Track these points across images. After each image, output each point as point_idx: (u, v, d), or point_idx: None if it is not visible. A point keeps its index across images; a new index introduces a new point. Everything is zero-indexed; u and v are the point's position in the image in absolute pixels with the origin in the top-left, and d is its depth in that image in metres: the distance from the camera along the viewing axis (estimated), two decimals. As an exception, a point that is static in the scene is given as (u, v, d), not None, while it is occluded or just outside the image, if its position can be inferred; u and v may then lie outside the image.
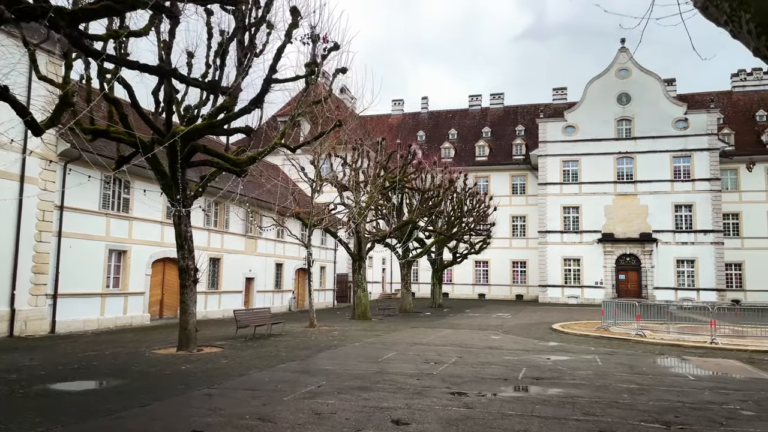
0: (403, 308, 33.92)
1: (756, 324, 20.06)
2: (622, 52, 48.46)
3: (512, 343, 17.08)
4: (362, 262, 27.36)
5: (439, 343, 16.89)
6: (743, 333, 18.36)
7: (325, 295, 41.93)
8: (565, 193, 48.14)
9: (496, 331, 21.22)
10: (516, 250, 53.05)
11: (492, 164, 54.59)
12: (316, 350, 14.81)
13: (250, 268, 32.04)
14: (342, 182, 26.29)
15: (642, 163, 46.51)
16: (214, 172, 15.78)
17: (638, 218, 46.20)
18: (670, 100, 47.00)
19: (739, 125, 49.67)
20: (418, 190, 29.95)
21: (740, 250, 46.54)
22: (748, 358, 14.09)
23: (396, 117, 64.11)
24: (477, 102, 62.33)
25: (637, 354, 14.88)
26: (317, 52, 14.92)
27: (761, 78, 52.96)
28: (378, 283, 52.88)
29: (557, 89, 59.19)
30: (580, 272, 47.12)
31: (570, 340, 18.16)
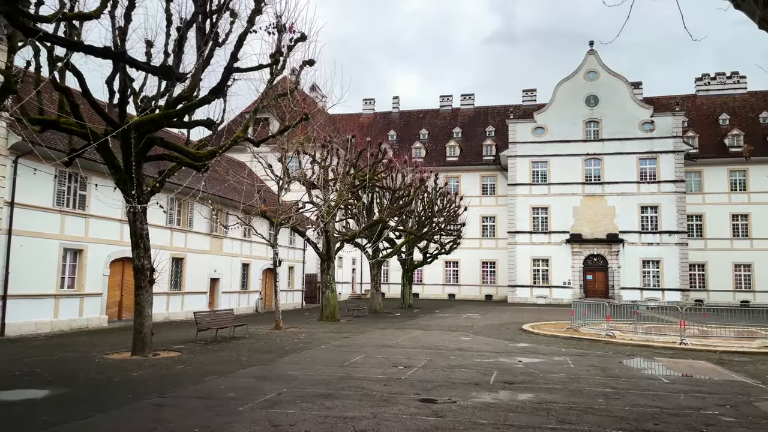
0: (373, 309, 33.40)
1: (722, 324, 20.21)
2: (590, 54, 48.97)
3: (483, 345, 16.73)
4: (331, 262, 26.73)
5: (409, 345, 16.42)
6: (710, 333, 18.41)
7: (294, 295, 41.11)
8: (535, 194, 48.37)
9: (466, 332, 20.87)
10: (486, 251, 53.10)
11: (462, 164, 54.55)
12: (280, 354, 14.15)
13: (215, 269, 31.07)
14: (310, 180, 25.61)
15: (609, 165, 47.04)
16: (173, 167, 14.98)
17: (605, 219, 46.69)
18: (636, 102, 47.67)
19: (702, 128, 50.70)
20: (389, 189, 29.47)
21: (703, 251, 47.48)
22: (718, 359, 14.01)
23: (367, 116, 63.59)
24: (448, 102, 62.26)
25: (608, 355, 14.67)
26: (283, 43, 14.28)
27: (724, 82, 54.20)
28: (348, 284, 52.26)
29: (527, 91, 59.53)
30: (548, 272, 47.39)
31: (540, 341, 17.91)
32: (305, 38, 14.45)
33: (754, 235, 46.99)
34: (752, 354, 14.89)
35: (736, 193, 48.00)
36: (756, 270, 46.68)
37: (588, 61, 48.89)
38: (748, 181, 47.81)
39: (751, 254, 46.93)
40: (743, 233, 47.51)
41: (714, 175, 48.50)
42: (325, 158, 26.48)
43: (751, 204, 47.38)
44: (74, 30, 12.64)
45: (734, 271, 47.29)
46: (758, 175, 47.42)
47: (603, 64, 48.64)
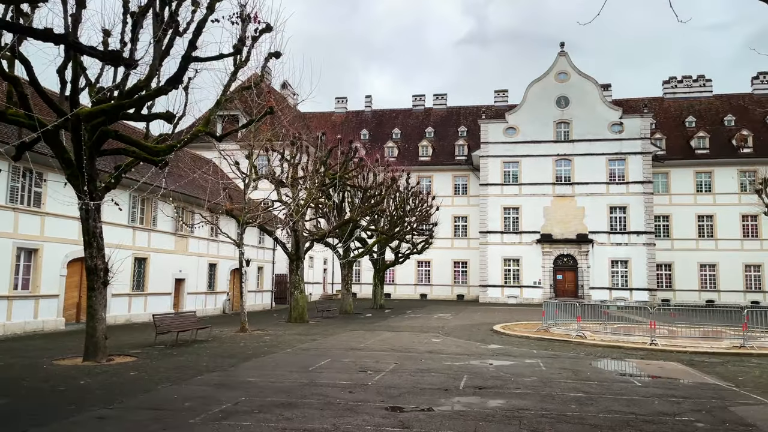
0: (344, 310, 32.86)
1: (689, 324, 20.30)
2: (561, 56, 49.30)
3: (453, 347, 16.36)
4: (300, 263, 26.09)
5: (378, 347, 15.94)
6: (679, 333, 18.42)
7: (263, 296, 40.29)
8: (506, 194, 48.46)
9: (437, 333, 20.51)
10: (457, 250, 53.04)
11: (435, 164, 54.39)
12: (242, 358, 13.51)
13: (181, 269, 30.13)
14: (279, 178, 24.93)
15: (579, 166, 47.41)
16: (129, 162, 14.20)
17: (575, 219, 47.04)
18: (606, 104, 48.17)
19: (669, 131, 51.54)
20: (360, 187, 28.95)
21: (670, 251, 48.24)
22: (689, 360, 13.91)
23: (339, 115, 62.98)
24: (420, 102, 62.07)
25: (580, 357, 14.45)
26: (247, 34, 13.66)
27: (691, 85, 55.22)
28: (319, 284, 51.59)
29: (499, 91, 59.72)
30: (519, 272, 47.53)
31: (511, 343, 17.65)
32: (271, 29, 13.85)
33: (719, 235, 47.95)
34: (721, 355, 14.87)
35: (702, 195, 48.91)
36: (720, 270, 47.64)
37: (559, 63, 49.21)
38: (713, 182, 48.77)
39: (715, 254, 47.87)
40: (708, 234, 48.45)
41: (680, 176, 49.35)
42: (295, 156, 25.84)
43: (716, 205, 48.34)
44: (25, 17, 11.82)
45: (699, 271, 48.18)
46: (723, 176, 48.41)
47: (573, 65, 49.02)
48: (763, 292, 46.53)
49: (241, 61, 13.56)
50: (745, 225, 47.54)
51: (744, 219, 47.46)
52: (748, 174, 47.70)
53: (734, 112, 51.88)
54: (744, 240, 47.54)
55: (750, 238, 47.44)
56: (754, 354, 14.77)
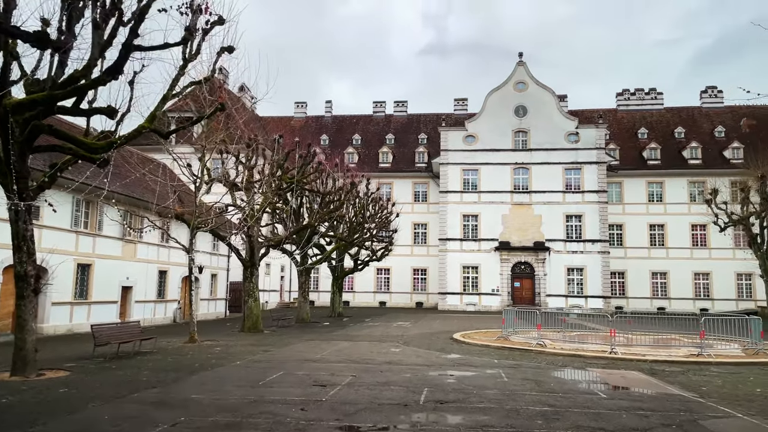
0: (300, 318, 31.92)
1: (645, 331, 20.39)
2: (519, 65, 49.88)
3: (413, 357, 15.81)
4: (254, 269, 25.11)
5: (334, 358, 15.23)
6: (636, 341, 18.38)
7: (216, 305, 38.90)
8: (465, 201, 48.53)
9: (396, 342, 19.92)
10: (417, 258, 52.77)
11: (395, 171, 54.09)
12: (187, 372, 12.57)
13: (128, 276, 28.65)
14: (233, 181, 23.96)
15: (537, 174, 47.93)
16: (66, 160, 13.10)
17: (533, 227, 47.47)
18: (563, 114, 48.94)
19: (623, 141, 52.79)
20: (318, 192, 28.19)
21: (623, 260, 49.24)
22: (650, 369, 13.77)
23: (299, 119, 62.05)
24: (381, 108, 61.78)
25: (541, 367, 14.12)
26: (198, 26, 12.85)
27: (643, 98, 56.80)
28: (276, 292, 50.33)
29: (458, 99, 60.02)
30: (478, 279, 47.57)
31: (472, 352, 17.24)
32: (223, 22, 13.08)
33: (670, 244, 49.25)
34: (681, 363, 14.84)
35: (654, 204, 50.20)
36: (671, 278, 48.90)
37: (517, 72, 49.77)
38: (664, 192, 50.13)
39: (666, 263, 49.13)
40: (660, 243, 49.71)
41: (633, 186, 50.54)
42: (250, 158, 24.93)
43: (667, 215, 49.67)
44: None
45: (651, 279, 49.34)
46: (674, 187, 49.82)
47: (531, 75, 49.67)
48: (712, 299, 47.97)
49: (191, 54, 12.73)
50: (695, 234, 49.00)
51: (693, 228, 48.92)
52: (697, 185, 49.25)
53: (684, 124, 53.60)
54: (693, 249, 48.98)
55: (699, 247, 48.91)
56: (712, 362, 14.80)
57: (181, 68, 12.70)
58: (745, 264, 46.08)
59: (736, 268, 47.54)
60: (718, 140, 51.72)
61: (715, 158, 50.14)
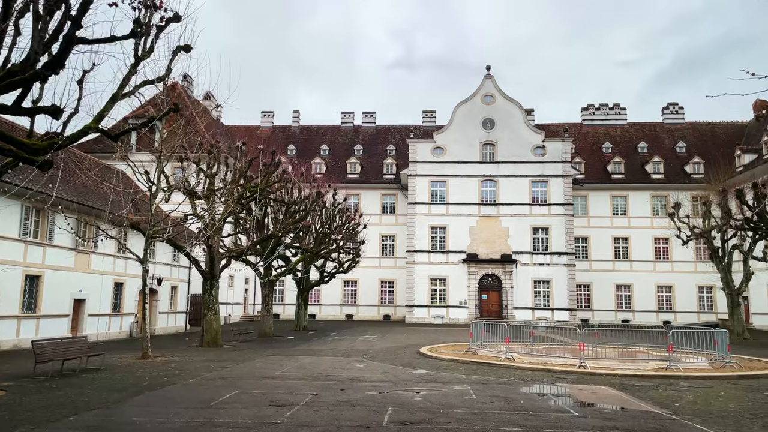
0: (263, 332, 30.89)
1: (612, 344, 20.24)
2: (487, 78, 50.18)
3: (378, 373, 15.16)
4: (215, 281, 24.11)
5: (295, 375, 14.46)
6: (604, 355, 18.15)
7: (176, 318, 37.50)
8: (433, 213, 48.31)
9: (361, 357, 19.23)
10: (385, 270, 52.21)
11: (363, 182, 53.60)
12: (133, 392, 11.65)
13: (81, 288, 27.28)
14: (192, 189, 23.00)
15: (504, 187, 48.08)
16: (7, 163, 12.14)
17: (500, 240, 47.50)
18: (530, 127, 49.33)
19: (588, 155, 53.52)
20: (283, 202, 27.39)
21: (589, 272, 49.66)
22: (620, 384, 13.45)
23: (265, 129, 61.11)
24: (349, 119, 61.37)
25: (511, 383, 13.67)
26: (152, 23, 12.11)
27: (607, 113, 57.84)
28: (240, 305, 49.02)
29: (427, 112, 60.06)
30: (446, 292, 47.25)
31: (439, 367, 16.69)
32: (179, 18, 12.37)
33: (634, 257, 49.95)
34: (650, 377, 14.58)
35: (618, 218, 50.91)
36: (635, 291, 49.53)
37: (485, 85, 50.06)
38: (628, 206, 50.91)
39: (630, 275, 49.76)
40: (624, 256, 50.36)
41: (598, 199, 51.19)
42: (212, 166, 24.04)
43: (630, 228, 50.41)
44: None
45: (616, 291, 49.87)
46: (637, 201, 50.66)
47: (499, 88, 50.02)
48: (674, 312, 48.71)
49: (144, 51, 11.97)
50: (657, 247, 49.83)
51: (656, 242, 49.75)
52: (660, 199, 50.19)
53: (647, 139, 54.73)
54: (656, 262, 49.76)
55: (662, 261, 49.72)
56: (681, 376, 14.60)
57: (133, 66, 11.91)
58: (706, 277, 47.00)
59: (698, 281, 48.46)
60: (679, 155, 52.93)
61: (677, 173, 51.25)
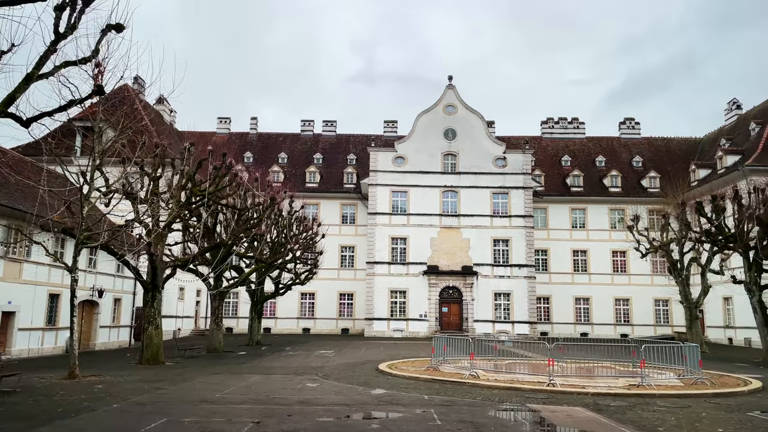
0: (212, 347, 28.97)
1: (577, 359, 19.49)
2: (449, 89, 49.73)
3: (332, 394, 13.76)
4: (157, 293, 22.23)
5: (238, 398, 12.91)
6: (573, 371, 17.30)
7: (119, 332, 35.10)
8: (394, 224, 47.24)
9: (314, 375, 17.75)
10: (344, 282, 50.74)
11: (323, 191, 52.16)
12: (42, 421, 9.90)
13: (10, 300, 24.99)
14: (132, 192, 21.16)
15: (465, 198, 47.48)
16: None
17: (461, 251, 46.78)
18: (491, 138, 49.02)
19: (547, 168, 53.60)
20: (234, 207, 25.73)
21: (548, 285, 49.42)
22: (593, 404, 12.46)
23: (221, 135, 58.99)
24: (309, 127, 59.95)
25: (477, 404, 12.49)
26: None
27: (566, 127, 58.28)
28: (190, 318, 46.61)
29: (388, 122, 59.21)
30: (405, 305, 46.10)
31: (399, 386, 15.40)
32: (110, -8, 10.93)
33: (592, 270, 50.03)
34: (624, 396, 13.68)
35: (577, 230, 51.00)
36: (594, 303, 49.54)
37: (447, 95, 49.57)
38: (587, 219, 51.08)
39: (589, 288, 49.78)
40: (583, 268, 50.40)
41: (557, 212, 51.20)
42: (157, 168, 22.26)
43: (589, 241, 50.54)
44: None
45: (575, 304, 49.77)
46: (596, 214, 50.91)
47: (461, 99, 49.60)
48: (631, 325, 48.90)
49: (67, 27, 10.43)
50: (615, 260, 50.08)
51: (614, 255, 50.00)
52: (617, 212, 50.59)
53: (604, 153, 55.29)
54: (614, 275, 49.97)
55: (619, 273, 49.97)
56: (656, 395, 13.76)
57: (53, 43, 10.35)
58: (663, 290, 47.40)
59: (654, 294, 48.84)
60: (636, 169, 53.61)
61: (634, 187, 51.82)
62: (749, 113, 49.41)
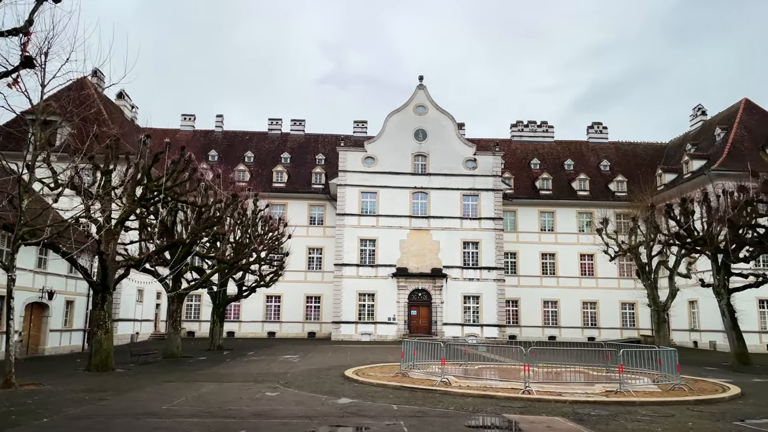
0: (169, 352, 27.45)
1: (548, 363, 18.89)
2: (420, 89, 49.11)
3: (293, 404, 12.68)
4: (107, 294, 20.74)
5: (187, 410, 11.72)
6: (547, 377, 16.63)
7: (72, 337, 33.20)
8: (363, 225, 46.26)
9: (275, 383, 16.61)
10: (311, 284, 49.52)
11: (290, 191, 50.84)
12: (-48, 442, 8.66)
13: (-55, 302, 23.06)
14: (84, 186, 19.67)
15: (435, 199, 46.86)
16: None
17: (431, 254, 46.13)
18: (461, 140, 48.56)
19: (517, 171, 53.43)
20: (194, 204, 24.34)
21: (517, 288, 49.16)
22: (573, 413, 11.72)
23: (185, 133, 57.04)
24: (277, 126, 58.57)
25: (451, 414, 11.60)
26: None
27: (535, 130, 58.34)
28: (150, 322, 44.69)
29: (358, 122, 58.28)
30: (374, 307, 45.15)
31: (366, 394, 14.41)
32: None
33: (560, 273, 49.99)
34: (603, 404, 12.99)
35: (545, 234, 50.91)
36: (561, 306, 49.47)
37: (418, 96, 48.94)
38: (555, 222, 51.05)
39: (557, 291, 49.72)
40: (551, 272, 50.31)
41: (527, 215, 51.03)
42: (109, 160, 20.78)
43: (557, 244, 50.50)
44: None
45: (543, 307, 49.61)
46: (564, 217, 50.94)
47: (432, 99, 49.02)
48: (598, 328, 48.98)
49: None
50: (583, 264, 50.14)
51: (582, 258, 50.06)
52: (585, 216, 50.71)
53: (573, 157, 55.47)
54: (582, 278, 50.02)
55: (587, 277, 50.05)
56: (637, 402, 13.12)
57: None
58: (629, 293, 47.78)
59: (621, 298, 49.09)
60: (603, 173, 53.89)
61: (602, 190, 52.06)
62: (714, 119, 50.22)
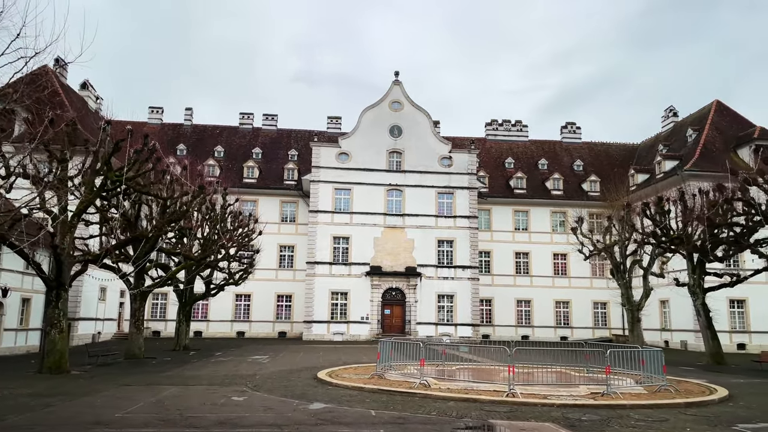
0: (131, 353, 26.04)
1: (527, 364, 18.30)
2: (396, 85, 48.33)
3: (260, 410, 11.70)
4: (62, 291, 19.36)
5: (142, 418, 10.64)
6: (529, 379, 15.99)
7: (28, 336, 31.44)
8: (336, 223, 45.25)
9: (243, 386, 15.56)
10: (282, 282, 48.24)
11: (261, 187, 49.45)
12: None
13: None
14: (39, 176, 18.30)
15: (410, 197, 46.16)
16: None
17: (405, 252, 45.40)
18: (437, 137, 47.97)
19: (491, 170, 53.13)
20: (158, 196, 23.04)
21: (491, 287, 48.80)
22: (563, 418, 11.06)
23: (153, 126, 54.97)
24: (248, 120, 57.02)
25: (433, 420, 10.80)
26: None
27: (510, 129, 58.14)
28: (113, 321, 42.89)
29: (332, 118, 57.20)
30: (347, 306, 44.20)
31: (341, 398, 13.52)
32: None
33: (534, 272, 49.83)
34: (594, 407, 12.37)
35: (519, 233, 50.69)
36: (535, 306, 49.33)
37: (393, 91, 48.15)
38: (529, 221, 50.88)
39: (530, 291, 49.54)
40: (524, 271, 50.12)
41: (501, 214, 50.71)
42: (65, 149, 19.41)
43: (531, 243, 50.32)
44: None
45: (516, 306, 49.39)
46: (538, 216, 50.81)
47: (407, 95, 48.28)
48: (571, 327, 48.99)
49: None
50: (556, 263, 50.09)
51: (555, 257, 50.01)
52: (559, 215, 50.69)
53: (547, 157, 55.43)
54: (555, 277, 49.96)
55: (560, 276, 50.01)
56: (627, 405, 12.54)
57: None
58: (601, 293, 47.97)
59: (593, 297, 49.21)
60: (577, 173, 53.98)
61: (575, 190, 52.11)
62: (686, 120, 50.73)
